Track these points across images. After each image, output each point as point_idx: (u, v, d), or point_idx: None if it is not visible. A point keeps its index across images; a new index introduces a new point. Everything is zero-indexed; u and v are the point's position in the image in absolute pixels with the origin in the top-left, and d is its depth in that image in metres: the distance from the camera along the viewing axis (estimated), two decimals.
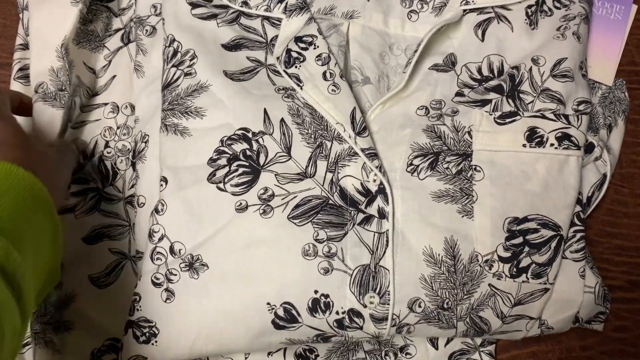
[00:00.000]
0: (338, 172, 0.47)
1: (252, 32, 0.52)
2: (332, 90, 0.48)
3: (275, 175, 0.47)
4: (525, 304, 0.48)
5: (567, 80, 0.50)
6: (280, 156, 0.48)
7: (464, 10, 0.52)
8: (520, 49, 0.51)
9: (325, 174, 0.47)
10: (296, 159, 0.47)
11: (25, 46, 0.55)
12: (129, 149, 0.54)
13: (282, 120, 0.48)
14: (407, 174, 0.48)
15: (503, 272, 0.47)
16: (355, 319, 0.46)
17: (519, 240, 0.47)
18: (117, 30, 0.57)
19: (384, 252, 0.46)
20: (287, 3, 0.51)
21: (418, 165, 0.48)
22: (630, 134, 0.57)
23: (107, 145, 0.54)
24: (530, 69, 0.50)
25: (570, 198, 0.48)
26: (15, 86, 0.54)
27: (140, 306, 0.47)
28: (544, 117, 0.49)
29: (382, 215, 0.46)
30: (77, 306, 0.51)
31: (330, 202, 0.47)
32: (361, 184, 0.47)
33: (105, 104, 0.55)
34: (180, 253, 0.47)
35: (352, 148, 0.47)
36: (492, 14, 0.52)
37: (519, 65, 0.50)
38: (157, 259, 0.47)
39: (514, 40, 0.51)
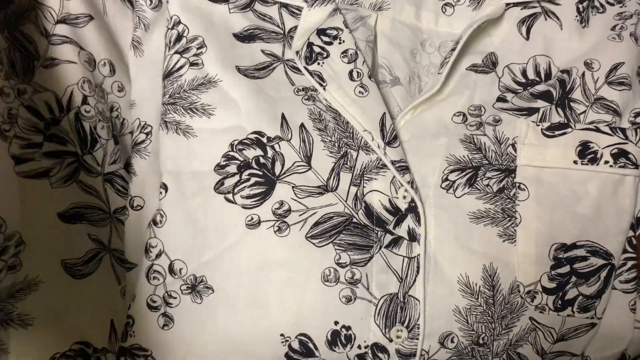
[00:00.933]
0: (364, 187, 0.42)
1: (267, 21, 0.46)
2: (360, 92, 0.42)
3: (293, 187, 0.41)
4: (569, 339, 0.43)
5: (624, 89, 0.44)
6: (298, 166, 0.42)
7: (507, 4, 0.46)
8: (571, 49, 0.46)
9: (349, 187, 0.42)
10: (317, 169, 0.42)
11: None
12: (107, 117, 0.45)
13: (302, 125, 0.42)
14: (442, 190, 0.42)
15: (546, 305, 0.42)
16: (379, 354, 0.40)
17: (566, 269, 0.42)
18: None
19: (414, 279, 0.40)
20: None
21: (454, 181, 0.42)
22: None
23: (85, 102, 0.44)
24: (583, 74, 0.44)
25: (624, 223, 0.43)
26: None
27: (133, 331, 0.41)
28: (598, 130, 0.43)
29: (412, 237, 0.41)
30: (39, 297, 0.40)
31: (354, 220, 0.41)
32: (389, 200, 0.41)
33: (81, 49, 0.44)
34: (181, 273, 0.41)
35: (381, 159, 0.41)
36: (538, 9, 0.46)
37: (570, 69, 0.45)
38: (154, 278, 0.42)
39: (564, 40, 0.46)
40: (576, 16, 0.46)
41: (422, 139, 0.43)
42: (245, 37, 0.45)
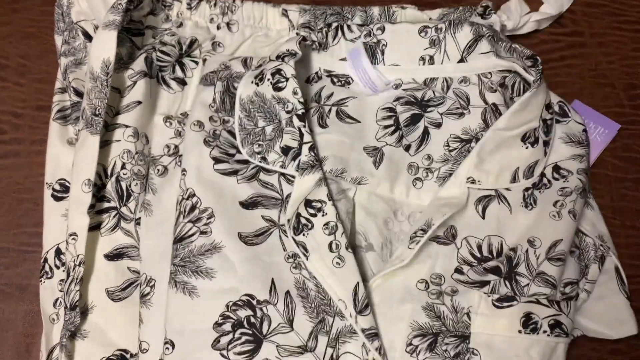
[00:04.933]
0: (339, 349, 0.48)
1: (269, 188, 0.53)
2: (337, 263, 0.50)
3: (277, 346, 0.48)
4: None
5: (560, 265, 0.52)
6: (282, 327, 0.48)
7: (468, 188, 0.54)
8: (518, 226, 0.53)
9: (326, 349, 0.48)
10: (298, 331, 0.48)
11: (63, 90, 0.59)
12: (143, 175, 0.56)
13: (288, 292, 0.49)
14: (407, 354, 0.49)
15: None
16: None
17: None
18: (140, 54, 0.58)
19: None
20: (299, 161, 0.52)
21: (417, 346, 0.49)
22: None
23: (123, 167, 0.55)
24: (527, 251, 0.52)
25: None
26: (54, 126, 0.59)
27: None
28: (538, 302, 0.51)
29: None
30: (92, 317, 0.53)
31: None
32: None
33: (127, 126, 0.56)
34: None
35: (353, 326, 0.48)
36: (492, 193, 0.54)
37: (516, 246, 0.52)
38: None
39: (513, 221, 0.53)
40: (521, 202, 0.54)
41: (390, 303, 0.51)
42: (250, 204, 0.52)
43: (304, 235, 0.51)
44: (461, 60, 0.58)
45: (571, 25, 0.67)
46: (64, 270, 0.55)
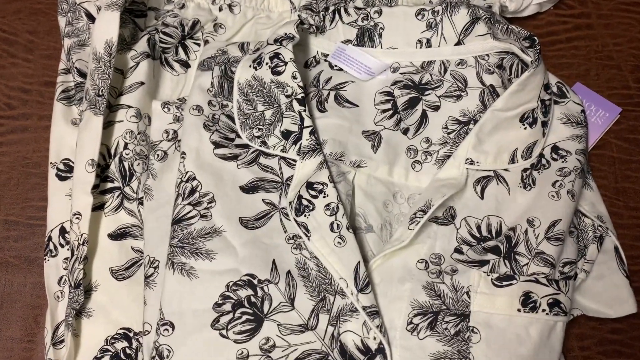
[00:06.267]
0: (339, 327, 0.48)
1: (269, 172, 0.54)
2: (338, 243, 0.50)
3: (278, 325, 0.48)
4: None
5: (559, 244, 0.52)
6: (283, 305, 0.49)
7: (467, 169, 0.54)
8: (517, 206, 0.53)
9: (327, 327, 0.48)
10: (299, 310, 0.49)
11: (67, 71, 0.60)
12: (145, 155, 0.57)
13: (289, 272, 0.49)
14: (407, 332, 0.49)
15: None
16: None
17: None
18: (143, 35, 0.59)
19: None
20: (300, 145, 0.53)
21: (418, 324, 0.49)
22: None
23: (125, 147, 0.56)
24: (526, 231, 0.53)
25: None
26: (58, 106, 0.59)
27: None
28: (537, 281, 0.51)
29: None
30: (96, 296, 0.54)
31: (330, 358, 0.47)
32: (361, 340, 0.48)
33: (129, 107, 0.56)
34: None
35: (354, 304, 0.49)
36: (491, 174, 0.55)
37: (515, 226, 0.53)
38: None
39: (511, 201, 0.54)
40: (519, 183, 0.54)
41: (390, 283, 0.51)
42: (250, 188, 0.53)
43: (305, 216, 0.51)
44: (458, 43, 0.59)
45: (578, 6, 0.68)
46: (68, 249, 0.55)
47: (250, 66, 0.55)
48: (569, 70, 0.66)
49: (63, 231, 0.56)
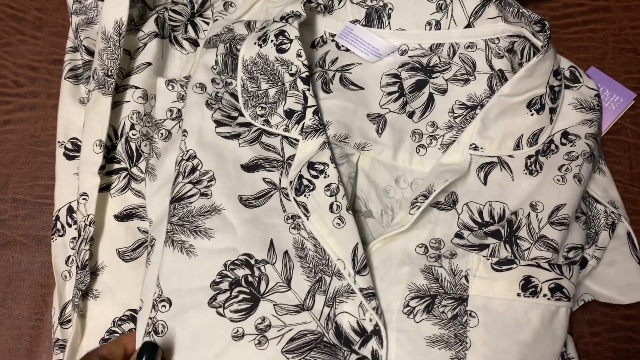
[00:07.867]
0: (335, 308, 0.48)
1: (271, 150, 0.53)
2: (337, 224, 0.50)
3: (274, 305, 0.48)
4: None
5: (563, 229, 0.51)
6: (280, 286, 0.49)
7: (470, 154, 0.54)
8: (521, 191, 0.52)
9: (323, 308, 0.48)
10: (295, 290, 0.49)
11: (75, 49, 0.60)
12: (152, 136, 0.56)
13: (286, 252, 0.49)
14: (404, 315, 0.49)
15: None
16: None
17: None
18: (151, 15, 0.59)
19: None
20: (304, 124, 0.52)
21: (414, 307, 0.49)
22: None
23: (132, 128, 0.56)
24: (529, 215, 0.52)
25: (557, 348, 0.50)
26: (66, 85, 0.59)
27: None
28: (539, 266, 0.50)
29: (375, 358, 0.47)
30: (103, 277, 0.54)
31: (325, 339, 0.47)
32: (357, 322, 0.48)
33: (137, 88, 0.56)
34: None
35: (351, 285, 0.48)
36: (495, 160, 0.54)
37: (517, 210, 0.52)
38: None
39: (515, 187, 0.53)
40: (524, 170, 0.53)
41: (388, 266, 0.50)
42: (251, 167, 0.53)
43: (305, 196, 0.51)
44: (468, 26, 0.57)
45: None
46: (76, 229, 0.55)
47: (255, 43, 0.54)
48: (585, 53, 0.65)
49: (71, 211, 0.57)
